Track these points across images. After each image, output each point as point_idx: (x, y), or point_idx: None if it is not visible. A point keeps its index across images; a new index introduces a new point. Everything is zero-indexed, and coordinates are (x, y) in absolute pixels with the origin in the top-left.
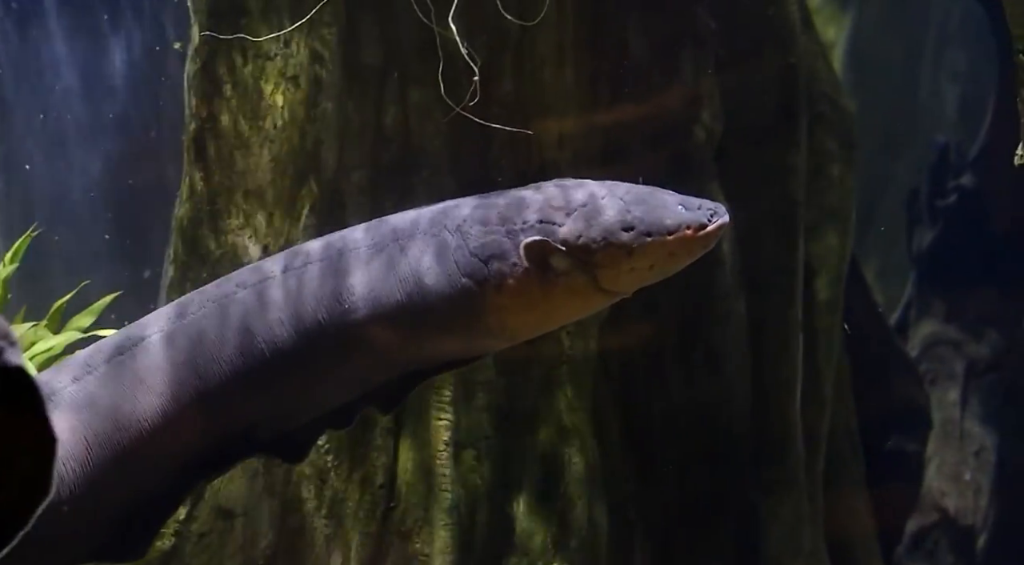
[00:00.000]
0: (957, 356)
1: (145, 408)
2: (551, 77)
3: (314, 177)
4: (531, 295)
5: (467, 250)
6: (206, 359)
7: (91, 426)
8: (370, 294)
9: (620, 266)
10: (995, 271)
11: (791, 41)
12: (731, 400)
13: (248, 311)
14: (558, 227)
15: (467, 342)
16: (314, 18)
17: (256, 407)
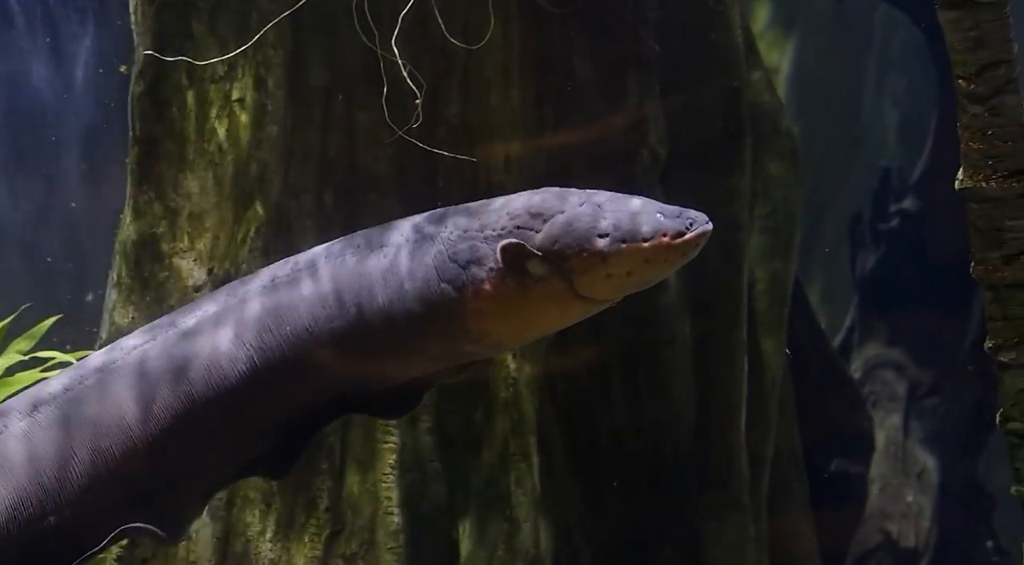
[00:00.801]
0: (899, 379)
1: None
2: (497, 100)
3: (260, 200)
4: (509, 300)
5: (446, 255)
6: (205, 368)
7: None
8: (354, 300)
9: (596, 272)
10: (937, 294)
11: (735, 65)
12: (676, 423)
13: (237, 320)
14: (535, 233)
15: (449, 348)
16: (259, 41)
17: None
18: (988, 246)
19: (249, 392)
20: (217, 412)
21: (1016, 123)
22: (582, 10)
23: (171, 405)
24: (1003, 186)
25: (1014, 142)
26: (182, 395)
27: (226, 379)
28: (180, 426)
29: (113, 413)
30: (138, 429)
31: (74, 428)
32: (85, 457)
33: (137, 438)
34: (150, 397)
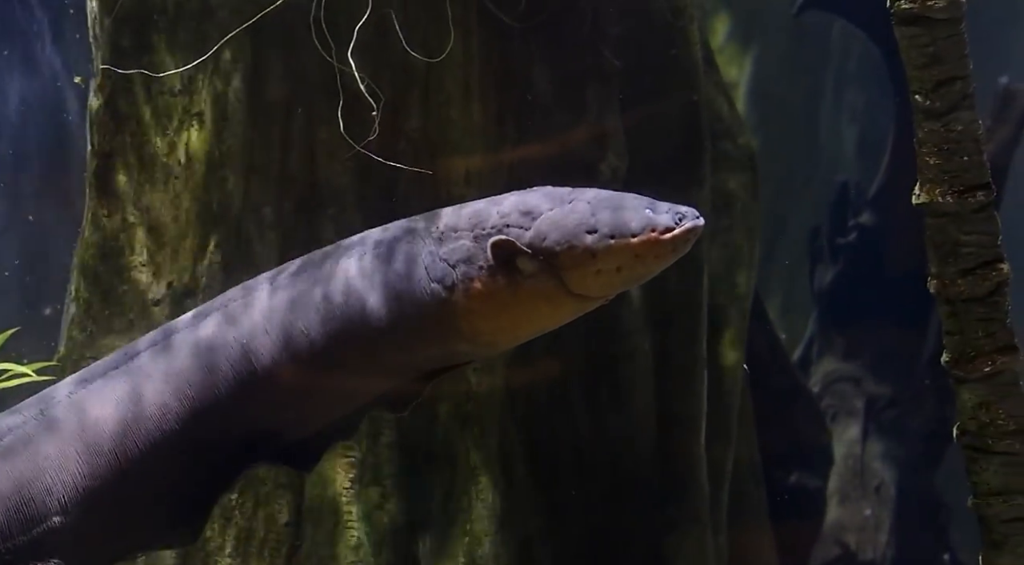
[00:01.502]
0: (857, 392)
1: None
2: (458, 114)
3: (219, 213)
4: (499, 298)
5: (437, 255)
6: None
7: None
8: (345, 304)
9: (585, 268)
10: (894, 308)
11: (694, 80)
12: (637, 436)
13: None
14: (524, 231)
15: (443, 348)
16: (219, 55)
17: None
18: (945, 260)
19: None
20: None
21: (971, 139)
22: (542, 25)
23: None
24: (959, 201)
25: (970, 157)
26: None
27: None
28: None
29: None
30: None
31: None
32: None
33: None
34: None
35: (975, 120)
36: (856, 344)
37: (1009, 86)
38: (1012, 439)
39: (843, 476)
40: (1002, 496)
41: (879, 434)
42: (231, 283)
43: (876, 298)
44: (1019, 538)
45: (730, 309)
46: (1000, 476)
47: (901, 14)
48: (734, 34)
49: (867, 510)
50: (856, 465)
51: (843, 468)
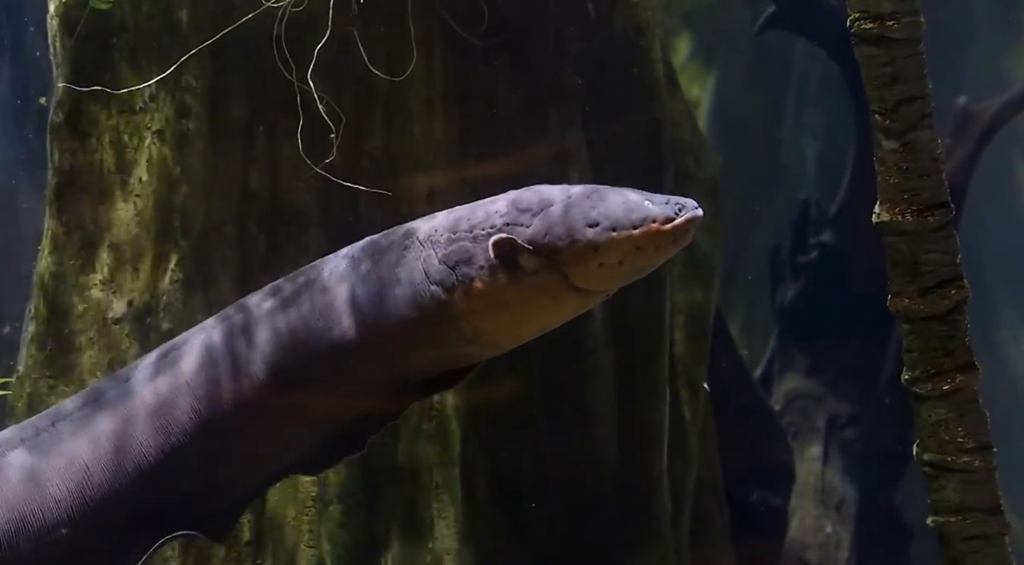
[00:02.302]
0: (819, 410)
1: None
2: (420, 132)
3: (181, 231)
4: (502, 297)
5: (435, 258)
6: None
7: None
8: (350, 308)
9: (588, 262)
10: (855, 326)
11: (657, 98)
12: (599, 454)
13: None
14: (525, 228)
15: (445, 351)
16: (180, 72)
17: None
18: (904, 279)
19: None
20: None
21: (931, 158)
22: (505, 43)
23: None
24: (919, 219)
25: (929, 176)
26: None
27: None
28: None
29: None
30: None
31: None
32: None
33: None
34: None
35: (934, 139)
36: (817, 362)
37: (967, 106)
38: (971, 457)
39: (804, 494)
40: (962, 513)
41: (840, 452)
42: (192, 301)
43: (837, 316)
44: (978, 555)
45: (692, 326)
46: (960, 493)
47: (861, 34)
48: (696, 53)
49: (828, 528)
50: (817, 483)
51: (804, 486)
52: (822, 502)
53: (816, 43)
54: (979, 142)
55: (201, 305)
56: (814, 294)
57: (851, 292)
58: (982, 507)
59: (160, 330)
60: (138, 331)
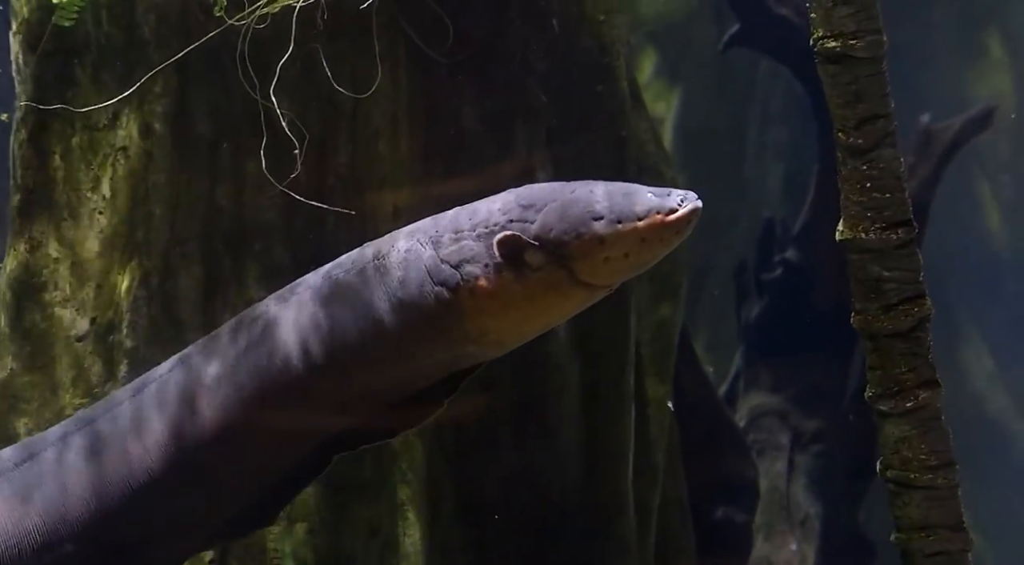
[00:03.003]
0: (783, 427)
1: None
2: (386, 149)
3: (144, 249)
4: (507, 294)
5: (438, 259)
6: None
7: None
8: (352, 314)
9: (595, 256)
10: (819, 343)
11: (621, 115)
12: (564, 471)
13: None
14: (529, 224)
15: (449, 352)
16: (145, 89)
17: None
18: (868, 296)
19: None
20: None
21: (893, 176)
22: (470, 60)
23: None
24: (882, 237)
25: (892, 194)
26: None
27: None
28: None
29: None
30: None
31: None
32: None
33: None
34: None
35: (897, 158)
36: (782, 379)
37: (930, 125)
38: (934, 473)
39: (769, 510)
40: (925, 530)
41: (805, 468)
42: (156, 318)
43: (802, 333)
44: None
45: (657, 343)
46: (923, 510)
47: (824, 53)
48: (661, 70)
49: (793, 544)
50: (782, 499)
51: (769, 502)
52: (787, 518)
53: (780, 61)
54: (941, 161)
55: (165, 322)
56: (779, 311)
57: (815, 309)
58: (945, 524)
59: (124, 348)
60: (102, 349)
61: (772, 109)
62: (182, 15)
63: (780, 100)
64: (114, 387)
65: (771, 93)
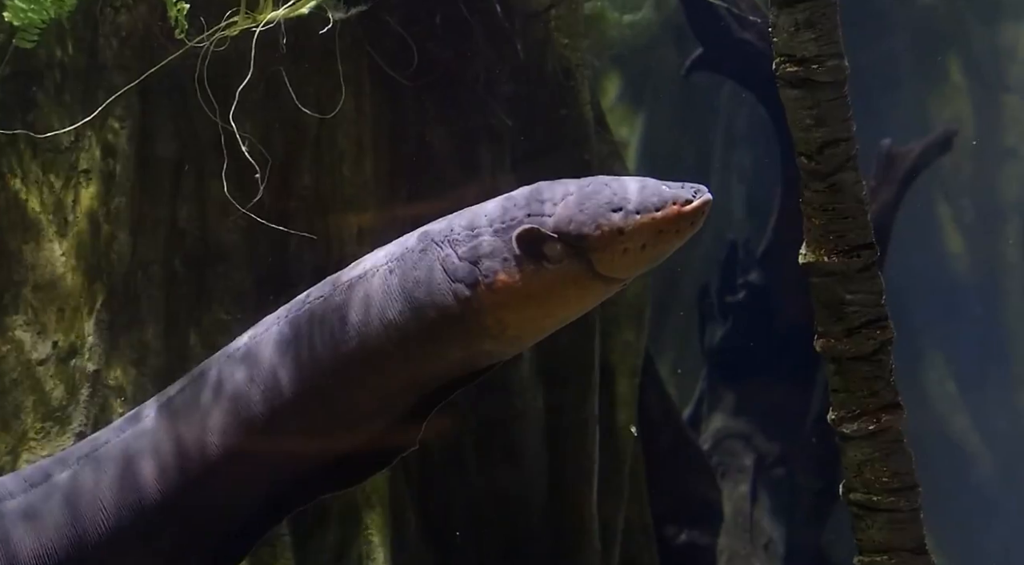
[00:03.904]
0: (747, 450)
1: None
2: (350, 171)
3: (107, 271)
4: (527, 288)
5: (456, 256)
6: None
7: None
8: (366, 317)
9: (614, 247)
10: (783, 366)
11: (585, 139)
12: (529, 495)
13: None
14: (547, 217)
15: (469, 351)
16: (107, 111)
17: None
18: (830, 319)
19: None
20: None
21: (855, 199)
22: (435, 84)
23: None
24: (844, 261)
25: (854, 218)
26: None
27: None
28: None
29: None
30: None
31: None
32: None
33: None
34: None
35: (859, 181)
36: (745, 401)
37: (892, 148)
38: (896, 496)
39: (733, 533)
40: (887, 553)
41: (768, 491)
42: (118, 341)
43: (765, 356)
44: None
45: (622, 366)
46: (885, 533)
47: (786, 77)
48: (625, 94)
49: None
50: (745, 522)
51: (733, 525)
52: (750, 541)
53: (743, 85)
54: (903, 184)
55: (127, 345)
56: (742, 334)
57: (778, 332)
58: (907, 547)
59: (86, 371)
60: (63, 373)
61: (735, 132)
62: (144, 38)
63: (743, 123)
64: (75, 411)
65: (734, 117)
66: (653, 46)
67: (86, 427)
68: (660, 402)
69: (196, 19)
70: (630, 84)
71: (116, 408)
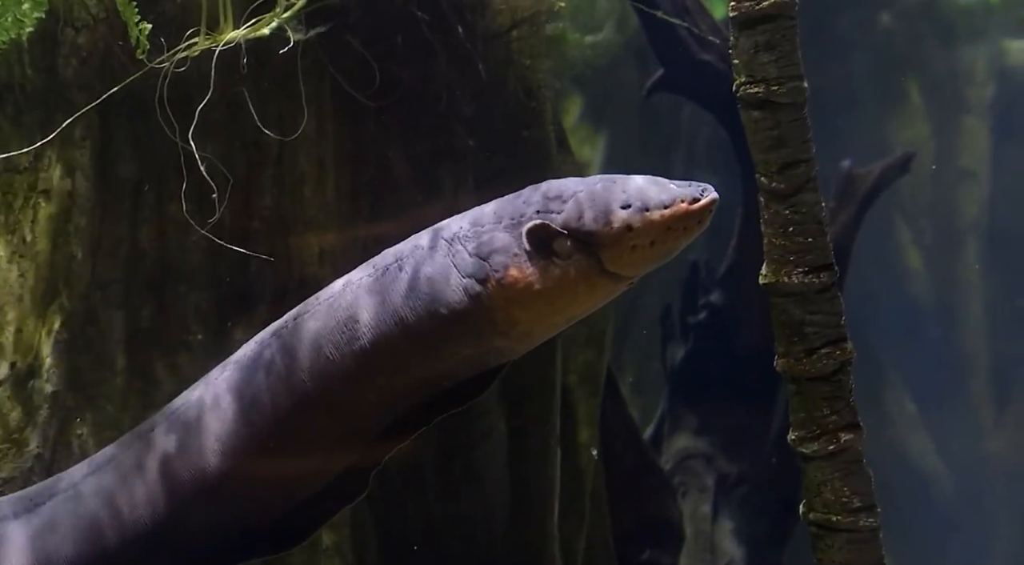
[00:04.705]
0: (708, 470)
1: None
2: (312, 192)
3: (66, 292)
4: (537, 284)
5: (466, 252)
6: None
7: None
8: (376, 316)
9: (622, 244)
10: (744, 386)
11: (547, 159)
12: (490, 515)
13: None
14: (557, 214)
15: (479, 347)
16: (67, 132)
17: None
18: (790, 340)
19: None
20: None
21: (815, 220)
22: (397, 104)
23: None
24: (804, 281)
25: (814, 238)
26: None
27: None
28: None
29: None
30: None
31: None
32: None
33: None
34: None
35: (819, 202)
36: (707, 421)
37: (851, 170)
38: (856, 517)
39: (694, 554)
40: None
41: (729, 511)
42: (77, 362)
43: (726, 376)
44: None
45: (583, 386)
46: (845, 553)
47: (747, 98)
48: (586, 115)
49: None
50: (707, 543)
51: (694, 546)
52: (711, 561)
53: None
54: (862, 205)
55: (87, 367)
56: (703, 354)
57: (739, 352)
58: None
59: (44, 393)
60: (21, 394)
61: (697, 153)
62: (104, 58)
63: (704, 145)
64: (32, 433)
65: (695, 137)
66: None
67: (43, 449)
68: (622, 422)
69: (157, 39)
70: (592, 105)
71: (74, 430)
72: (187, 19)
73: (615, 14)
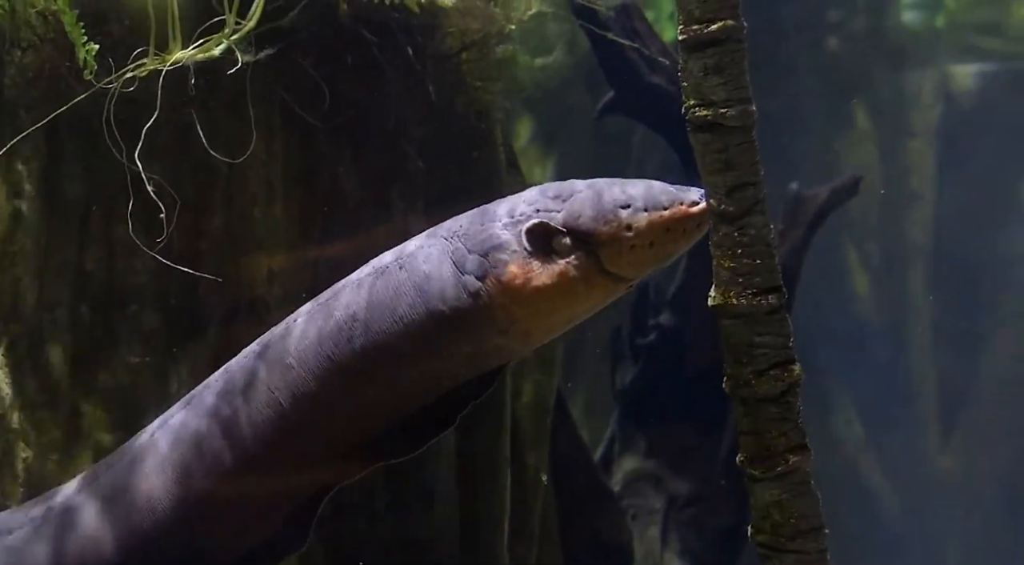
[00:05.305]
0: (658, 491)
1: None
2: (261, 213)
3: (11, 315)
4: (535, 282)
5: (465, 249)
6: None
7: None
8: (377, 315)
9: (622, 244)
10: (693, 408)
11: (498, 181)
12: (440, 536)
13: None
14: (556, 213)
15: (478, 345)
16: (13, 152)
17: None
18: (739, 361)
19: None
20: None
21: (763, 242)
22: (347, 125)
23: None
24: (752, 303)
25: (762, 260)
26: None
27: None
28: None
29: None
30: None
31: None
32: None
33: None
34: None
35: (767, 225)
36: (656, 443)
37: (799, 192)
38: (804, 538)
39: None
40: None
41: (678, 533)
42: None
43: (676, 397)
44: None
45: (533, 408)
46: None
47: (695, 121)
48: (537, 136)
49: None
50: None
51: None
52: None
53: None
54: (811, 227)
55: (34, 390)
56: (653, 376)
57: (689, 374)
58: None
59: None
60: None
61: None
62: (51, 78)
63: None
64: None
65: (646, 159)
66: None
67: None
68: (572, 443)
69: (104, 60)
70: (543, 126)
71: (19, 453)
72: (136, 40)
73: (565, 36)
